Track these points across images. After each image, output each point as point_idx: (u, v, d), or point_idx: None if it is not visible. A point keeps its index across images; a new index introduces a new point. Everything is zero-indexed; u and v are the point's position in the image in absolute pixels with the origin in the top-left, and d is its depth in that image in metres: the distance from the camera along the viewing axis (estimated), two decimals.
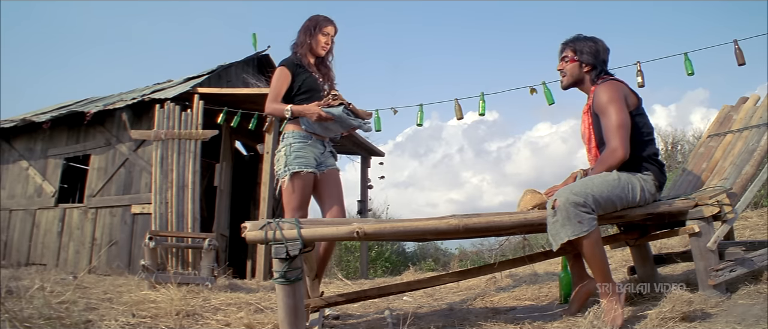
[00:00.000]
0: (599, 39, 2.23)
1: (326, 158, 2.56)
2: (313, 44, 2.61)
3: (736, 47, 3.73)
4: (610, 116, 2.03)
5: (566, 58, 2.25)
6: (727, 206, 2.06)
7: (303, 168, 2.42)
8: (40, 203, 6.99)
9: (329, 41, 2.64)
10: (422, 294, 3.52)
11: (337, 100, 2.43)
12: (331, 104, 2.42)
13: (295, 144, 2.46)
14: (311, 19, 2.64)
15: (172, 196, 5.08)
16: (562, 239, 1.84)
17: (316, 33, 2.60)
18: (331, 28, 2.63)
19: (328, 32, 2.62)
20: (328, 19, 2.64)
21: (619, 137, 2.00)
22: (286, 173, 2.42)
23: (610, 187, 1.95)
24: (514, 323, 2.07)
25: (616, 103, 2.04)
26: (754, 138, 2.35)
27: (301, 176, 2.41)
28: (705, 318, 1.78)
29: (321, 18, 2.63)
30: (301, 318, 1.84)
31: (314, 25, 2.61)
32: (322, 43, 2.62)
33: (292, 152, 2.45)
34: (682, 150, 9.19)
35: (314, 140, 2.51)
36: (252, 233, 1.79)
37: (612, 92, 2.07)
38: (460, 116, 4.81)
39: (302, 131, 2.49)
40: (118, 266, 5.84)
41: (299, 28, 2.67)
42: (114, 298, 3.02)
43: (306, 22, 2.65)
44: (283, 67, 2.57)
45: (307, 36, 2.61)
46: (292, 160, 2.43)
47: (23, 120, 7.14)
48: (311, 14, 2.66)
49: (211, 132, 5.51)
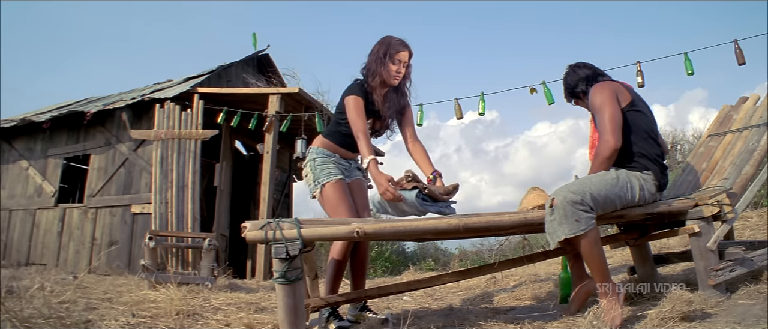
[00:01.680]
0: (574, 65, 2.36)
1: (351, 171, 2.52)
2: (384, 73, 2.31)
3: (736, 47, 3.73)
4: (601, 112, 2.09)
5: (579, 103, 2.38)
6: (727, 206, 2.06)
7: (332, 177, 2.36)
8: (40, 203, 6.99)
9: (402, 69, 2.33)
10: (422, 294, 3.52)
11: (412, 182, 2.05)
12: (404, 187, 2.06)
13: (318, 159, 2.41)
14: (382, 43, 2.34)
15: (172, 196, 5.08)
16: (559, 238, 1.84)
17: (387, 61, 2.30)
18: (406, 53, 2.32)
19: (401, 59, 2.31)
20: (403, 43, 2.32)
21: (610, 129, 2.04)
22: (317, 187, 2.36)
23: (608, 185, 1.95)
24: (514, 323, 2.07)
25: (605, 100, 2.10)
26: (754, 138, 2.35)
27: (333, 183, 2.35)
28: (705, 318, 1.78)
29: (393, 42, 2.32)
30: (301, 318, 1.83)
31: (384, 52, 2.31)
32: (394, 72, 2.32)
33: (317, 167, 2.39)
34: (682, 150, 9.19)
35: (338, 157, 2.46)
36: (252, 233, 1.79)
37: (601, 91, 2.14)
38: (460, 116, 4.81)
39: (326, 148, 2.43)
40: (118, 266, 5.84)
41: (370, 51, 2.38)
42: (114, 298, 3.02)
43: (376, 45, 2.36)
44: (357, 98, 2.29)
45: (378, 64, 2.31)
46: (319, 173, 2.38)
47: (23, 120, 7.14)
48: (385, 36, 2.37)
49: (211, 132, 5.52)
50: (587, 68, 2.33)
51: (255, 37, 8.12)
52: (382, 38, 2.37)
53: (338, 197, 2.32)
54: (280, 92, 6.33)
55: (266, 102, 6.22)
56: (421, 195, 1.99)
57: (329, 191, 2.33)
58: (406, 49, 2.33)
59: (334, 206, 2.31)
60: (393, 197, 2.07)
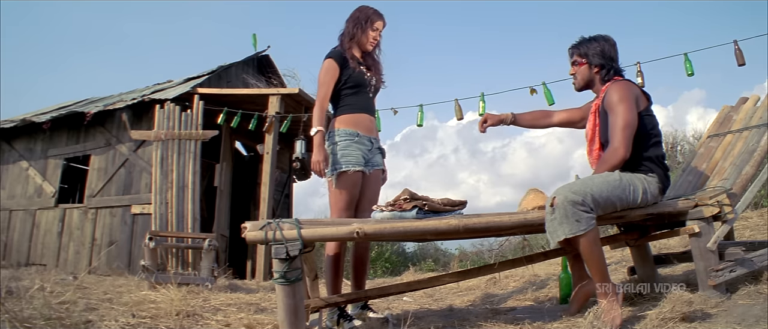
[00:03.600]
0: (604, 37, 2.23)
1: (374, 154, 2.49)
2: (362, 39, 2.52)
3: (736, 48, 3.73)
4: (618, 114, 2.03)
5: (576, 62, 2.27)
6: (727, 206, 2.06)
7: (350, 167, 2.35)
8: (40, 204, 6.99)
9: (378, 36, 2.56)
10: (422, 295, 3.52)
11: (410, 202, 1.98)
12: (403, 208, 1.99)
13: (341, 142, 2.38)
14: (362, 12, 2.54)
15: (172, 196, 5.08)
16: (559, 237, 1.84)
17: (367, 27, 2.51)
18: (381, 22, 2.55)
19: (377, 28, 2.54)
20: (379, 13, 2.55)
21: (623, 137, 2.00)
22: (333, 173, 2.35)
23: (610, 187, 1.95)
24: (514, 323, 2.07)
25: (626, 102, 2.04)
26: (754, 138, 2.35)
27: (349, 174, 2.34)
28: (705, 318, 1.78)
29: (371, 11, 2.54)
30: (301, 318, 1.83)
31: (365, 19, 2.52)
32: (371, 38, 2.53)
33: (338, 151, 2.37)
34: (682, 150, 9.19)
35: (362, 136, 2.43)
36: (252, 233, 1.79)
37: (624, 91, 2.08)
38: (460, 117, 4.81)
39: (348, 127, 2.42)
40: (118, 266, 5.84)
41: (347, 18, 2.57)
42: (114, 298, 3.02)
43: (355, 12, 2.56)
44: (331, 60, 2.46)
45: (358, 29, 2.51)
46: (339, 158, 2.35)
47: (23, 120, 7.14)
48: (360, 4, 2.58)
49: (211, 132, 5.52)
50: (615, 59, 2.22)
51: (255, 37, 8.13)
52: (359, 6, 2.58)
53: (347, 189, 2.34)
54: (280, 93, 6.34)
55: (266, 103, 6.22)
56: (422, 212, 1.96)
57: (343, 181, 2.34)
58: (382, 19, 2.56)
59: (337, 197, 2.34)
60: (320, 173, 2.32)
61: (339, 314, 2.32)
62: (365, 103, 2.50)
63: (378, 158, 2.52)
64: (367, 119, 2.48)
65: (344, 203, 2.34)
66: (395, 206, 2.00)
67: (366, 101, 2.51)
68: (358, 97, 2.48)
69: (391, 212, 1.98)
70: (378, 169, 2.52)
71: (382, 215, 2.00)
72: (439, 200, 2.01)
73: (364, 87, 2.50)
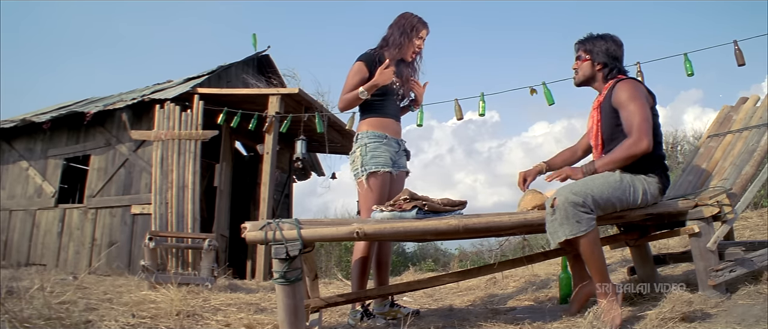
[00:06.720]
0: (612, 37, 2.24)
1: (400, 157, 2.52)
2: (408, 47, 2.49)
3: (736, 48, 3.73)
4: (633, 111, 2.02)
5: (580, 57, 2.28)
6: (726, 206, 2.06)
7: (380, 168, 2.38)
8: (40, 204, 6.99)
9: (422, 45, 2.53)
10: (422, 295, 3.52)
11: (410, 202, 1.98)
12: (404, 208, 1.99)
13: (370, 144, 2.41)
14: (406, 19, 2.50)
15: (172, 196, 5.08)
16: (560, 238, 1.85)
17: (413, 36, 2.48)
18: (426, 31, 2.52)
19: (422, 36, 2.51)
20: (423, 21, 2.52)
21: (645, 129, 1.99)
22: (363, 174, 2.38)
23: (611, 188, 1.95)
24: (514, 323, 2.07)
25: (639, 99, 2.05)
26: (754, 138, 2.35)
27: (379, 175, 2.38)
28: (705, 318, 1.78)
29: (416, 20, 2.50)
30: (301, 318, 1.84)
31: (411, 28, 2.48)
32: (416, 47, 2.51)
33: (368, 152, 2.40)
34: (682, 150, 9.19)
35: (389, 138, 2.46)
36: (252, 233, 1.79)
37: (635, 89, 2.09)
38: (460, 117, 4.81)
39: (375, 129, 2.44)
40: (118, 266, 5.84)
41: (392, 24, 2.53)
42: (114, 299, 3.02)
43: (399, 19, 2.52)
44: (362, 64, 2.44)
45: (404, 37, 2.48)
46: (369, 160, 2.39)
47: (23, 120, 7.14)
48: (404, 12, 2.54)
49: (211, 132, 5.52)
50: (620, 60, 2.24)
51: (255, 37, 8.15)
52: (403, 13, 2.52)
53: (377, 189, 2.37)
54: (280, 93, 6.33)
55: (266, 103, 6.22)
56: (422, 212, 1.96)
57: (373, 182, 2.37)
58: (426, 27, 2.52)
59: (367, 197, 2.37)
60: (386, 78, 2.35)
61: (362, 312, 2.35)
62: (392, 109, 2.54)
63: (403, 160, 2.57)
64: (393, 123, 2.52)
65: (374, 202, 2.36)
66: (395, 206, 2.00)
67: (393, 107, 2.55)
68: (385, 103, 2.50)
69: (391, 213, 1.98)
70: (403, 171, 2.56)
71: (382, 215, 2.00)
72: (439, 200, 2.01)
73: (391, 95, 2.52)
